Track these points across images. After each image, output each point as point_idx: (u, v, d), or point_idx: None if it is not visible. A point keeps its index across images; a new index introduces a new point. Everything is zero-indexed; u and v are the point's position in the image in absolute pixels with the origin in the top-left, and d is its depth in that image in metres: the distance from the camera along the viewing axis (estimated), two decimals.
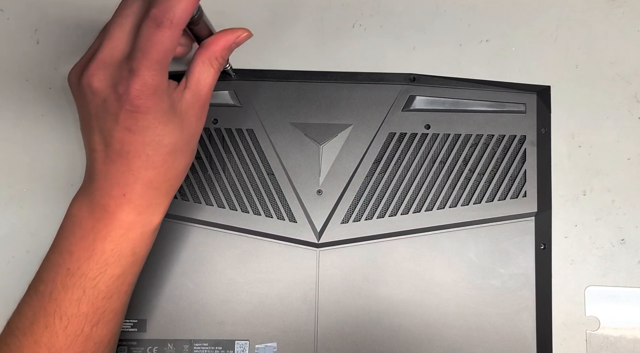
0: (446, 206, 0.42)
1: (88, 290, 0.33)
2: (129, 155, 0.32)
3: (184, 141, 0.33)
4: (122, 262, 0.34)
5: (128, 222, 0.33)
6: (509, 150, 0.42)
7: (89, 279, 0.33)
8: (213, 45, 0.34)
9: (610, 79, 0.44)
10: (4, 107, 0.43)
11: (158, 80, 0.30)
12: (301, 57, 0.44)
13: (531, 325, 0.41)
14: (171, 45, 0.30)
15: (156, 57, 0.30)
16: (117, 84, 0.31)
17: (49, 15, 0.44)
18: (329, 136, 0.42)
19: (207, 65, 0.34)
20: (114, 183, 0.33)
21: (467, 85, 0.43)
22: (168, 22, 0.29)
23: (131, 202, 0.33)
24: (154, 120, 0.31)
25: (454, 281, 0.42)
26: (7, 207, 0.42)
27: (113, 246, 0.33)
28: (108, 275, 0.33)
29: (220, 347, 0.41)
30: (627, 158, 0.43)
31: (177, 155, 0.33)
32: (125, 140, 0.32)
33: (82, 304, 0.33)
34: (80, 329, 0.33)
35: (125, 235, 0.33)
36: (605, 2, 0.45)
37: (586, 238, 0.43)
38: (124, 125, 0.31)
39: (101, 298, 0.33)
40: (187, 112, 0.33)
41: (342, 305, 0.41)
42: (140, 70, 0.30)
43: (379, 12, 0.44)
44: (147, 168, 0.32)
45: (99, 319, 0.34)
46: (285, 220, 0.42)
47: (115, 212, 0.33)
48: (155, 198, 0.34)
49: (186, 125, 0.33)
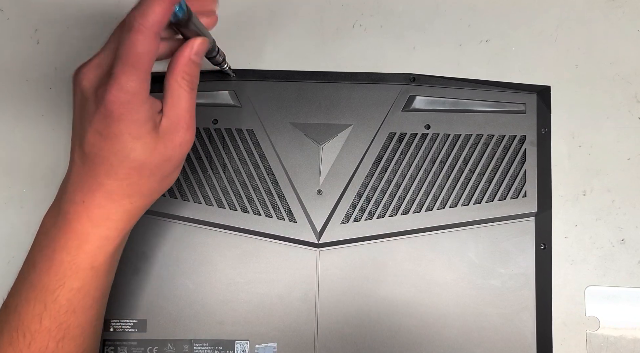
0: (446, 206, 0.42)
1: (49, 304, 0.32)
2: (95, 159, 0.31)
3: (155, 163, 0.32)
4: (80, 275, 0.32)
5: (84, 232, 0.32)
6: (509, 150, 0.42)
7: (49, 292, 0.32)
8: (173, 65, 0.33)
9: (610, 79, 0.44)
10: (4, 107, 0.43)
11: (135, 88, 0.29)
12: (301, 57, 0.44)
13: (531, 325, 0.41)
14: (145, 49, 0.29)
15: (130, 61, 0.29)
16: (99, 87, 0.30)
17: (49, 15, 0.44)
18: (329, 136, 0.42)
19: (176, 86, 0.32)
20: (78, 187, 0.32)
21: (467, 85, 0.43)
22: (140, 26, 0.28)
23: (88, 211, 0.32)
24: (125, 130, 0.30)
25: (454, 281, 0.42)
26: (7, 207, 0.42)
27: (70, 258, 0.32)
28: (67, 288, 0.32)
29: (220, 347, 0.41)
30: (627, 158, 0.43)
31: (144, 174, 0.32)
32: (95, 144, 0.31)
33: (44, 319, 0.32)
34: (45, 346, 0.32)
35: (81, 247, 0.32)
36: (605, 2, 0.45)
37: (586, 238, 0.43)
38: (96, 128, 0.30)
39: (63, 313, 0.32)
40: (164, 137, 0.32)
41: (342, 305, 0.41)
42: (117, 74, 0.29)
43: (379, 12, 0.44)
44: (109, 176, 0.31)
45: (63, 335, 0.32)
46: (285, 220, 0.42)
47: (72, 220, 0.32)
48: (113, 213, 0.32)
49: (161, 149, 0.32)
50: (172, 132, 0.32)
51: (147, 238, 0.41)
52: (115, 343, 0.40)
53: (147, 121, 0.31)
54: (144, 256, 0.41)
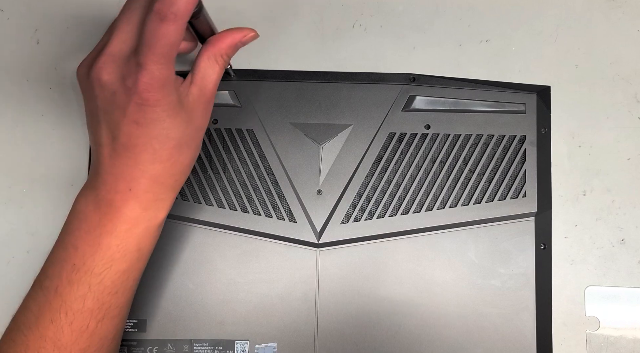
0: (446, 206, 0.42)
1: (94, 286, 0.33)
2: (136, 148, 0.32)
3: (190, 135, 0.34)
4: (128, 257, 0.34)
5: (133, 217, 0.33)
6: (509, 150, 0.42)
7: (95, 275, 0.33)
8: (219, 42, 0.34)
9: (610, 79, 0.44)
10: (4, 107, 0.43)
11: (165, 74, 0.30)
12: (301, 57, 0.44)
13: (531, 325, 0.41)
14: (176, 38, 0.30)
15: (162, 51, 0.30)
16: (126, 77, 0.31)
17: (49, 15, 0.44)
18: (329, 136, 0.42)
19: (212, 61, 0.34)
20: (120, 177, 0.33)
21: (467, 85, 0.43)
22: (172, 16, 0.29)
23: (137, 197, 0.33)
24: (162, 113, 0.31)
25: (454, 281, 0.42)
26: (7, 207, 0.42)
27: (118, 241, 0.33)
28: (114, 271, 0.33)
29: (220, 347, 0.41)
30: (627, 158, 0.43)
31: (183, 150, 0.34)
32: (133, 134, 0.32)
33: (88, 300, 0.33)
34: (86, 325, 0.33)
35: (131, 231, 0.33)
36: (605, 2, 0.45)
37: (586, 238, 0.43)
38: (132, 119, 0.31)
39: (107, 294, 0.33)
40: (194, 106, 0.33)
41: (342, 305, 0.41)
42: (147, 63, 0.30)
43: (379, 12, 0.44)
44: (153, 162, 0.33)
45: (104, 315, 0.34)
46: (285, 220, 0.42)
47: (120, 206, 0.33)
48: (160, 193, 0.34)
49: (192, 120, 0.33)
50: (199, 102, 0.34)
51: None
52: None
53: (178, 99, 0.32)
54: None
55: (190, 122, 0.33)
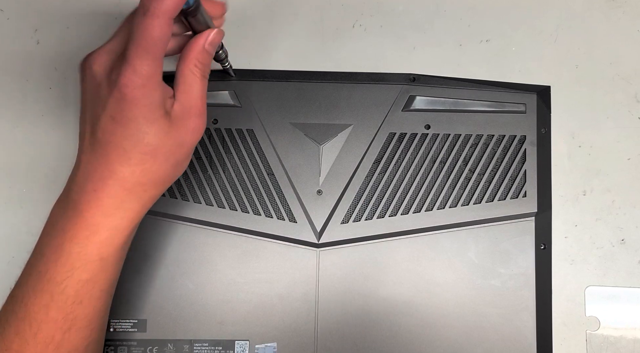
0: (446, 206, 0.42)
1: (56, 295, 0.32)
2: (108, 145, 0.31)
3: (169, 148, 0.32)
4: (89, 266, 0.32)
5: (94, 223, 0.32)
6: (509, 150, 0.42)
7: (56, 283, 0.32)
8: (187, 52, 0.33)
9: (610, 79, 0.44)
10: (4, 107, 0.43)
11: (147, 71, 0.30)
12: (301, 57, 0.44)
13: (531, 325, 0.41)
14: (160, 34, 0.29)
15: (144, 45, 0.29)
16: (112, 71, 0.31)
17: (49, 15, 0.44)
18: (329, 136, 0.42)
19: (189, 73, 0.33)
20: (89, 175, 0.32)
21: (467, 85, 0.43)
22: (155, 10, 0.29)
23: (99, 200, 0.31)
24: (139, 114, 0.30)
25: (454, 281, 0.42)
26: (7, 207, 0.42)
27: (79, 249, 0.32)
28: (75, 280, 0.32)
29: (220, 347, 0.41)
30: (627, 158, 0.43)
31: (157, 160, 0.32)
32: (108, 129, 0.31)
33: (51, 310, 0.32)
34: (51, 336, 0.32)
35: (90, 238, 0.32)
36: (605, 2, 0.45)
37: (586, 238, 0.43)
38: (109, 113, 0.31)
39: (70, 304, 0.32)
40: (177, 122, 0.32)
41: (342, 305, 0.41)
42: (130, 57, 0.29)
43: (379, 12, 0.44)
44: (121, 163, 0.31)
45: (70, 326, 0.32)
46: (285, 220, 0.42)
47: (82, 210, 0.32)
48: (125, 202, 0.32)
49: (174, 133, 0.32)
50: (184, 118, 0.32)
51: (147, 239, 0.41)
52: (115, 343, 0.40)
53: (160, 105, 0.31)
54: (144, 256, 0.41)
55: (170, 134, 0.32)
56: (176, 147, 0.32)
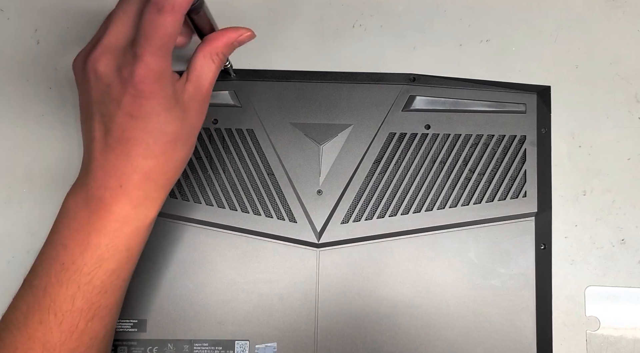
0: (446, 206, 0.42)
1: (83, 285, 0.32)
2: (129, 142, 0.31)
3: (185, 132, 0.33)
4: (117, 257, 0.33)
5: (123, 215, 0.33)
6: (509, 150, 0.42)
7: (84, 274, 0.32)
8: (215, 41, 0.34)
9: (610, 79, 0.44)
10: (4, 107, 0.43)
11: (162, 66, 0.30)
12: (301, 57, 0.44)
13: (531, 325, 0.41)
14: (173, 30, 0.30)
15: (159, 42, 0.30)
16: (122, 69, 0.30)
17: (49, 15, 0.44)
18: (329, 136, 0.42)
19: (209, 59, 0.34)
20: (111, 173, 0.32)
21: (467, 85, 0.43)
22: (169, 7, 0.29)
23: (127, 194, 0.32)
24: (158, 106, 0.31)
25: (454, 281, 0.42)
26: (7, 207, 0.42)
27: (108, 240, 0.32)
28: (103, 270, 0.33)
29: (220, 347, 0.41)
30: (627, 158, 0.43)
31: (177, 146, 0.33)
32: (127, 126, 0.31)
33: (77, 300, 0.32)
34: (75, 325, 0.33)
35: (120, 229, 0.33)
36: (605, 2, 0.45)
37: (586, 238, 0.43)
38: (126, 111, 0.31)
39: (96, 294, 0.33)
40: (189, 104, 0.33)
41: (342, 305, 0.41)
42: (144, 55, 0.30)
43: (379, 12, 0.44)
44: (146, 156, 0.32)
45: (94, 315, 0.33)
46: (285, 220, 0.42)
47: (110, 204, 0.32)
48: (152, 191, 0.33)
49: (187, 117, 0.33)
50: (194, 100, 0.33)
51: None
52: (115, 343, 0.40)
53: (174, 94, 0.32)
54: (144, 256, 0.41)
55: (185, 119, 0.33)
56: (190, 130, 0.34)
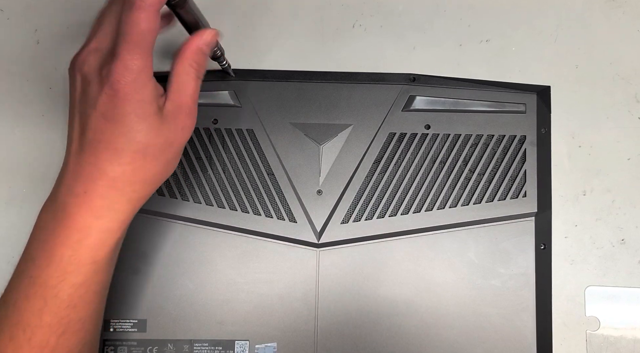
0: (446, 206, 0.42)
1: (49, 299, 0.31)
2: (99, 145, 0.31)
3: (158, 146, 0.32)
4: (82, 270, 0.32)
5: (86, 225, 0.31)
6: (509, 150, 0.42)
7: (50, 288, 0.31)
8: (183, 52, 0.33)
9: (610, 79, 0.44)
10: (4, 107, 0.43)
11: (138, 64, 0.30)
12: (301, 57, 0.44)
13: (531, 325, 0.41)
14: (147, 26, 0.29)
15: (134, 39, 0.29)
16: (102, 68, 0.30)
17: (49, 15, 0.44)
18: (329, 136, 0.42)
19: (183, 72, 0.33)
20: (79, 177, 0.31)
21: (467, 85, 0.43)
22: (141, 3, 0.29)
23: (90, 202, 0.31)
24: (131, 111, 0.30)
25: (454, 281, 0.42)
26: (7, 207, 0.42)
27: (71, 252, 0.31)
28: (68, 284, 0.31)
29: (220, 347, 0.41)
30: (627, 158, 0.43)
31: (147, 158, 0.32)
32: (99, 128, 0.30)
33: (45, 314, 0.31)
34: (46, 340, 0.31)
35: (83, 241, 0.31)
36: (605, 2, 0.45)
37: (586, 238, 0.43)
38: (100, 111, 0.30)
39: (64, 308, 0.32)
40: (168, 120, 0.32)
41: (342, 305, 0.41)
42: (120, 53, 0.29)
43: (379, 12, 0.44)
44: (112, 162, 0.31)
45: (64, 330, 0.32)
46: (285, 220, 0.42)
47: (72, 213, 0.31)
48: (115, 202, 0.32)
49: (164, 130, 0.32)
50: (175, 117, 0.32)
51: (147, 238, 0.41)
52: (115, 343, 0.40)
53: (152, 102, 0.31)
54: (144, 256, 0.41)
55: (161, 132, 0.32)
56: (166, 145, 0.32)
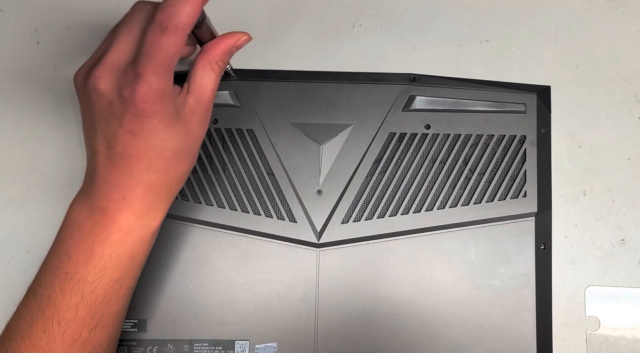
0: (446, 206, 0.42)
1: (86, 294, 0.33)
2: (131, 158, 0.32)
3: (187, 145, 0.33)
4: (121, 266, 0.33)
5: (127, 225, 0.33)
6: (509, 150, 0.42)
7: (87, 283, 0.33)
8: (213, 50, 0.34)
9: (610, 79, 0.44)
10: (5, 107, 0.43)
11: (163, 85, 0.30)
12: (301, 57, 0.44)
13: (531, 325, 0.41)
14: (176, 50, 0.30)
15: (161, 62, 0.30)
16: (123, 88, 0.31)
17: (49, 15, 0.44)
18: (329, 136, 0.42)
19: (208, 69, 0.34)
20: (114, 186, 0.32)
21: (467, 85, 0.43)
22: (173, 27, 0.29)
23: (131, 206, 0.33)
24: (159, 125, 0.31)
25: (454, 281, 0.42)
26: (7, 207, 0.42)
27: (111, 250, 0.33)
28: (106, 280, 0.33)
29: (220, 347, 0.41)
30: (627, 158, 0.43)
31: (180, 160, 0.33)
32: (129, 144, 0.31)
33: (80, 309, 0.33)
34: (78, 334, 0.33)
35: (124, 239, 0.33)
36: (605, 2, 0.45)
37: (586, 238, 0.43)
38: (128, 129, 0.31)
39: (99, 303, 0.33)
40: (190, 117, 0.33)
41: (342, 305, 0.41)
42: (145, 74, 0.30)
43: (379, 12, 0.44)
44: (148, 171, 0.32)
45: (97, 323, 0.33)
46: (285, 220, 0.42)
47: (114, 215, 0.33)
48: (155, 203, 0.34)
49: (189, 130, 0.33)
50: (196, 111, 0.34)
51: None
52: None
53: (175, 110, 0.32)
54: None
55: (187, 132, 0.33)
56: (193, 141, 0.34)
